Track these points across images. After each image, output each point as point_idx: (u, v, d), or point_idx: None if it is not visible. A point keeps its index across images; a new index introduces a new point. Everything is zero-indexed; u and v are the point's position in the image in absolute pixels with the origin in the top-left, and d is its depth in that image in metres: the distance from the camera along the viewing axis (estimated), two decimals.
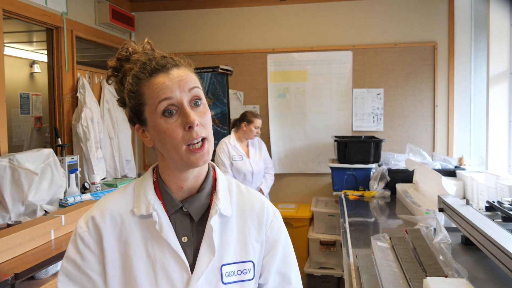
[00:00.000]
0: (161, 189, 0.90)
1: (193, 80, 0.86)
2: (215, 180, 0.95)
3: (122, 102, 0.92)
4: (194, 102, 0.84)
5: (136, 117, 0.88)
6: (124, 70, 0.89)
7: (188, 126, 0.81)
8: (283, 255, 0.95)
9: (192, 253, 0.87)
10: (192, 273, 0.84)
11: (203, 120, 0.84)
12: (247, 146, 3.46)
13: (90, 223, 0.87)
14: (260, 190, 3.49)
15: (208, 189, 0.92)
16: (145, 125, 0.87)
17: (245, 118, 3.37)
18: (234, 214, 0.92)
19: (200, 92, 0.86)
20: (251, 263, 0.90)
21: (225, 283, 0.86)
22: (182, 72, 0.85)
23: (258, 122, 3.36)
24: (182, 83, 0.83)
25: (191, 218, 0.89)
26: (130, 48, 0.90)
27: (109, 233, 0.86)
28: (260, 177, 3.49)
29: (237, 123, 3.45)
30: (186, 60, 0.90)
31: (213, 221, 0.88)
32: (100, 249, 0.85)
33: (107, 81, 0.94)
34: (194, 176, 0.90)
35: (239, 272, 0.88)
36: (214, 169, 0.97)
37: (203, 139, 0.83)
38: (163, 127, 0.82)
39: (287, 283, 0.94)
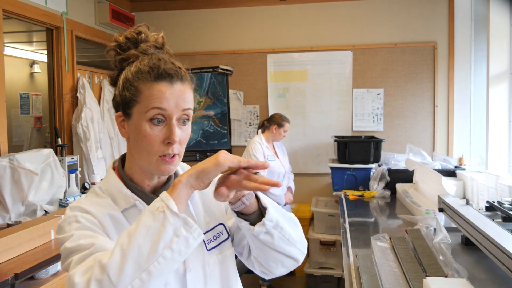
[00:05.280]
0: (129, 186, 0.91)
1: (190, 100, 0.87)
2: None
3: (114, 81, 0.91)
4: (182, 121, 0.86)
5: (123, 107, 0.87)
6: (129, 54, 0.88)
7: (168, 142, 0.84)
8: None
9: None
10: None
11: (183, 139, 0.87)
12: (273, 147, 3.47)
13: (83, 212, 0.85)
14: (289, 189, 3.57)
15: (172, 180, 0.95)
16: (128, 118, 0.87)
17: (276, 121, 3.36)
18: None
19: (191, 113, 0.88)
20: (221, 226, 0.98)
21: (209, 250, 0.94)
22: (184, 88, 0.86)
23: (287, 126, 3.38)
24: (180, 100, 0.84)
25: None
26: (143, 34, 0.90)
27: (108, 229, 0.85)
28: (287, 177, 3.54)
29: (265, 124, 3.44)
30: (190, 74, 0.91)
31: None
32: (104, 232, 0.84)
33: (107, 52, 0.92)
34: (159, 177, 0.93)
35: (215, 238, 0.96)
36: None
37: (175, 155, 0.86)
38: (146, 131, 0.83)
39: None
